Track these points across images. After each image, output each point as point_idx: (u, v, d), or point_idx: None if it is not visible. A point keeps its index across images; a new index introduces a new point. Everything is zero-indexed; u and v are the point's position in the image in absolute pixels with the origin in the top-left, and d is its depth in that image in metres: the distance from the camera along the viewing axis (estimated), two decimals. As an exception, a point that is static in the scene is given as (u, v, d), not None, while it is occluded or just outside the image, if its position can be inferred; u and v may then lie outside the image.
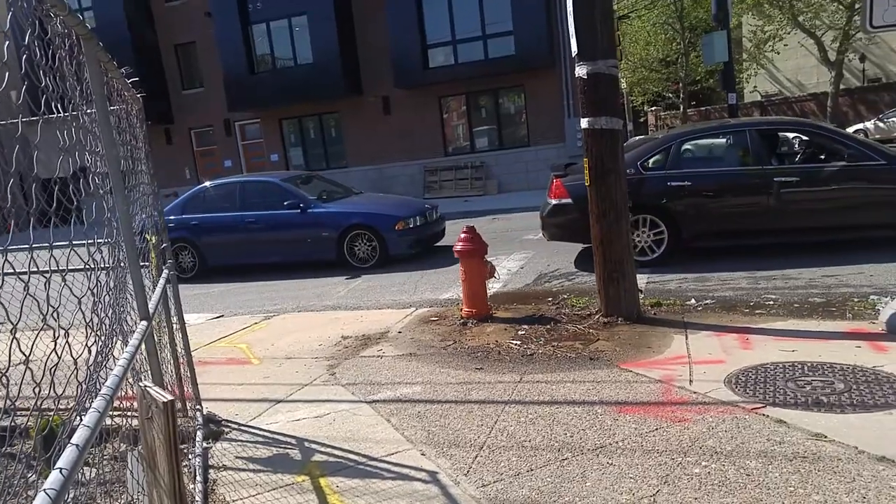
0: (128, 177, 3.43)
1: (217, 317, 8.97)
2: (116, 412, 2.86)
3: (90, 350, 2.20)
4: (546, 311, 7.08)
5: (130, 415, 2.98)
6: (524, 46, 21.80)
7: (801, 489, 3.20)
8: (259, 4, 24.61)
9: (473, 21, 22.54)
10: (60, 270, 1.93)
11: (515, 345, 6.05)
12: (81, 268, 2.22)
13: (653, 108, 42.22)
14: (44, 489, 1.37)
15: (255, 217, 11.78)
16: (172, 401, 2.16)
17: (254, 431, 4.86)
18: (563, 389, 4.86)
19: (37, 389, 1.76)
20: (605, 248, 6.38)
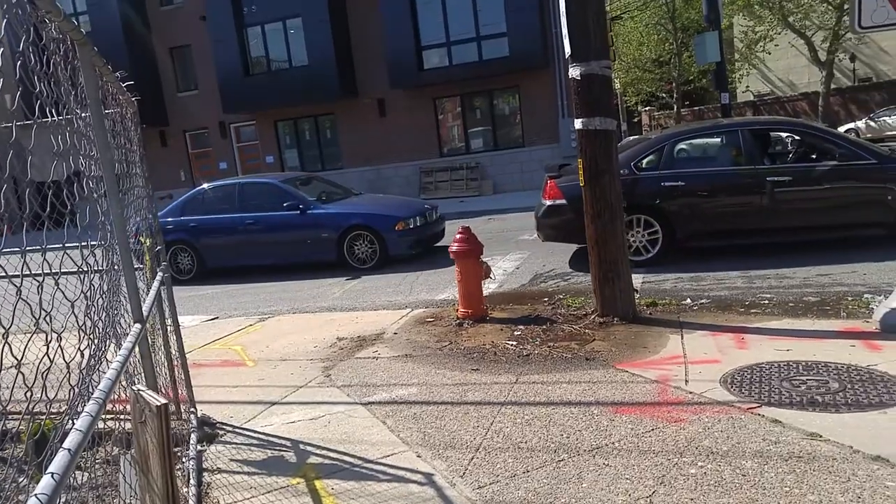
0: (122, 180, 3.42)
1: (211, 319, 8.95)
2: (109, 415, 2.84)
3: (83, 353, 2.19)
4: (542, 312, 7.08)
5: (123, 418, 2.97)
6: (518, 48, 21.83)
7: (797, 489, 3.20)
8: (254, 7, 24.62)
9: (467, 23, 22.57)
10: (53, 273, 1.92)
11: (511, 345, 6.05)
12: (74, 271, 2.21)
13: (646, 108, 42.32)
14: (35, 494, 1.36)
15: (255, 218, 11.74)
16: (166, 404, 2.15)
17: (248, 434, 4.84)
18: (560, 390, 4.86)
19: (28, 393, 1.75)
20: (601, 249, 6.39)
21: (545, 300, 7.62)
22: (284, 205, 11.53)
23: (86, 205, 2.54)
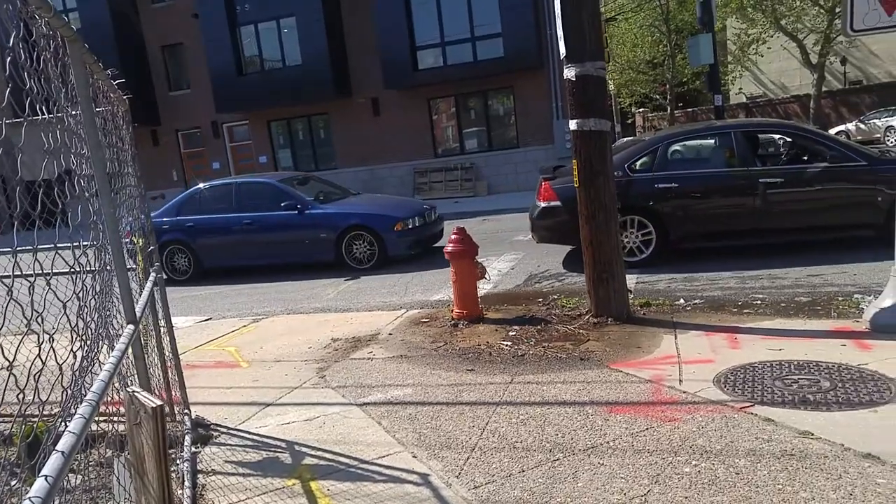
0: (114, 179, 3.40)
1: (205, 320, 8.91)
2: (102, 417, 2.83)
3: (75, 355, 2.17)
4: (536, 312, 7.08)
5: (117, 420, 2.95)
6: (513, 48, 21.86)
7: (790, 487, 3.22)
8: (247, 6, 24.54)
9: (462, 23, 22.58)
10: (45, 274, 1.91)
11: (506, 346, 6.05)
12: (67, 271, 2.19)
13: (640, 110, 42.39)
14: (29, 497, 1.35)
15: (252, 218, 11.66)
16: (161, 406, 2.13)
17: (243, 435, 4.82)
18: (554, 390, 4.86)
19: (20, 395, 1.73)
20: (595, 250, 6.39)
21: (540, 301, 7.63)
22: (282, 205, 11.47)
23: (77, 204, 2.52)
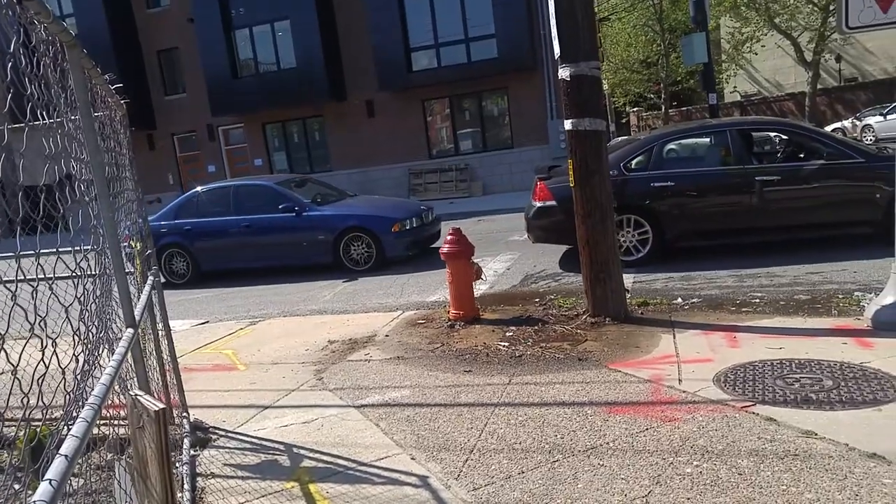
0: (112, 183, 3.39)
1: (202, 323, 8.90)
2: (103, 421, 2.82)
3: (77, 359, 2.17)
4: (533, 313, 7.08)
5: (117, 423, 2.94)
6: (506, 49, 21.88)
7: (794, 487, 3.20)
8: (241, 9, 24.55)
9: (456, 24, 22.60)
10: (48, 279, 1.90)
11: (503, 346, 6.05)
12: (68, 275, 2.19)
13: (635, 109, 42.52)
14: (33, 501, 1.35)
15: (250, 221, 11.66)
16: (164, 409, 2.13)
17: (241, 438, 4.82)
18: (553, 391, 4.85)
19: (24, 400, 1.73)
20: (591, 249, 6.39)
21: (536, 301, 7.63)
22: (280, 207, 11.47)
23: (77, 208, 2.52)
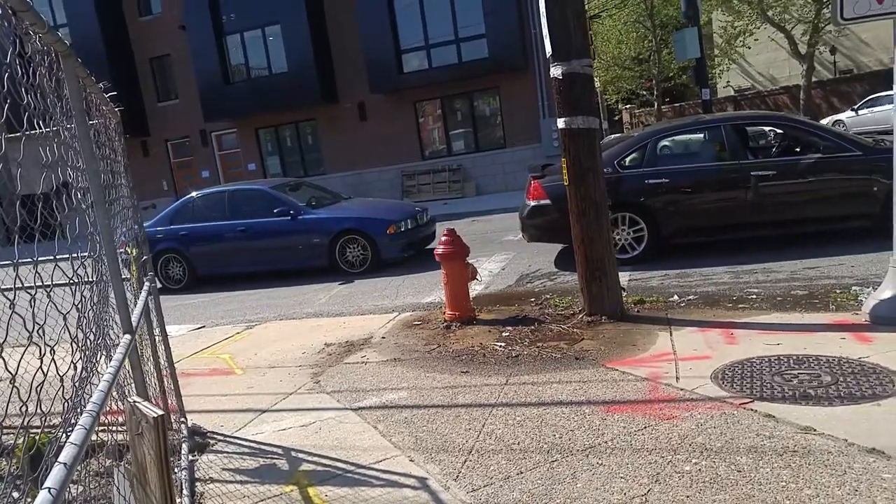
0: (108, 190, 3.39)
1: (198, 328, 8.88)
2: (101, 427, 2.82)
3: (75, 366, 2.16)
4: (529, 312, 7.08)
5: (115, 430, 2.94)
6: (497, 49, 21.90)
7: (793, 483, 3.21)
8: (232, 15, 24.56)
9: (446, 25, 22.61)
10: (45, 286, 1.90)
11: (500, 347, 6.05)
12: (66, 282, 2.19)
13: (627, 106, 42.55)
14: (34, 510, 1.35)
15: (246, 225, 11.66)
16: (163, 415, 2.13)
17: (240, 442, 4.81)
18: (550, 390, 4.86)
19: (23, 408, 1.72)
20: (587, 247, 6.40)
21: (532, 300, 7.63)
22: (275, 211, 11.48)
23: (74, 216, 2.52)
